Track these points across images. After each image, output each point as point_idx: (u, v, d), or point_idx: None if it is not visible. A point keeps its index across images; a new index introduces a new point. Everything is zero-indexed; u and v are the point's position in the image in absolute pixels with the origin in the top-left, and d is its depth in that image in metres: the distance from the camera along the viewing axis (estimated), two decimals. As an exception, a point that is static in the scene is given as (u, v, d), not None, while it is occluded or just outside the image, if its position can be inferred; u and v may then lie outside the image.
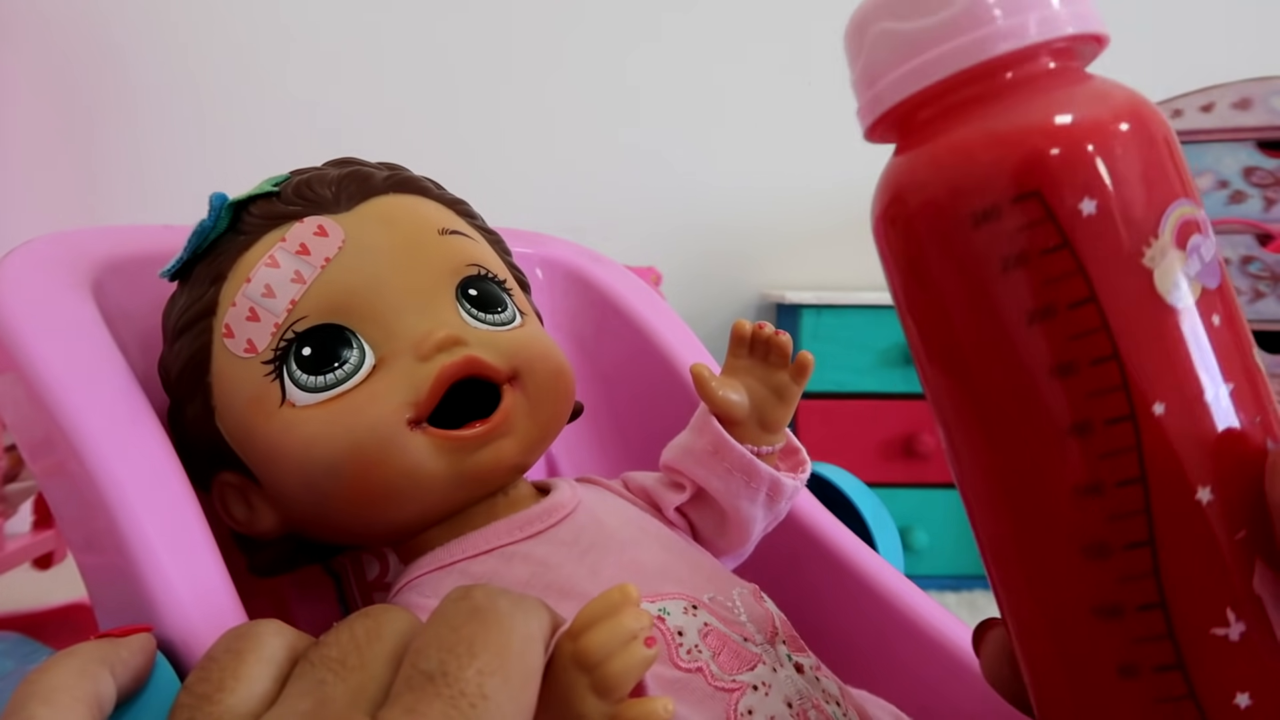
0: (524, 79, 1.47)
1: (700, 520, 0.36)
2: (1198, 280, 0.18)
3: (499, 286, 0.34)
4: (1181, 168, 0.19)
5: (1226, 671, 0.18)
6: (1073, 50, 0.20)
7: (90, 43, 1.47)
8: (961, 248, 0.19)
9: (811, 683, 0.31)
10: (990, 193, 0.19)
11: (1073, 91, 0.19)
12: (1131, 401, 0.18)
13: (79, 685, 0.20)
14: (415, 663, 0.19)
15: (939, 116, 0.20)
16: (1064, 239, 0.18)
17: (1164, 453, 0.18)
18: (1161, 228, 0.18)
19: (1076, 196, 0.18)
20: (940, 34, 0.19)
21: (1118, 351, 0.18)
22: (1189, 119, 1.08)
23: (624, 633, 0.21)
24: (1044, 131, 0.19)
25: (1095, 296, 0.18)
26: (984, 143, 0.19)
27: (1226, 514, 0.18)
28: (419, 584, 0.32)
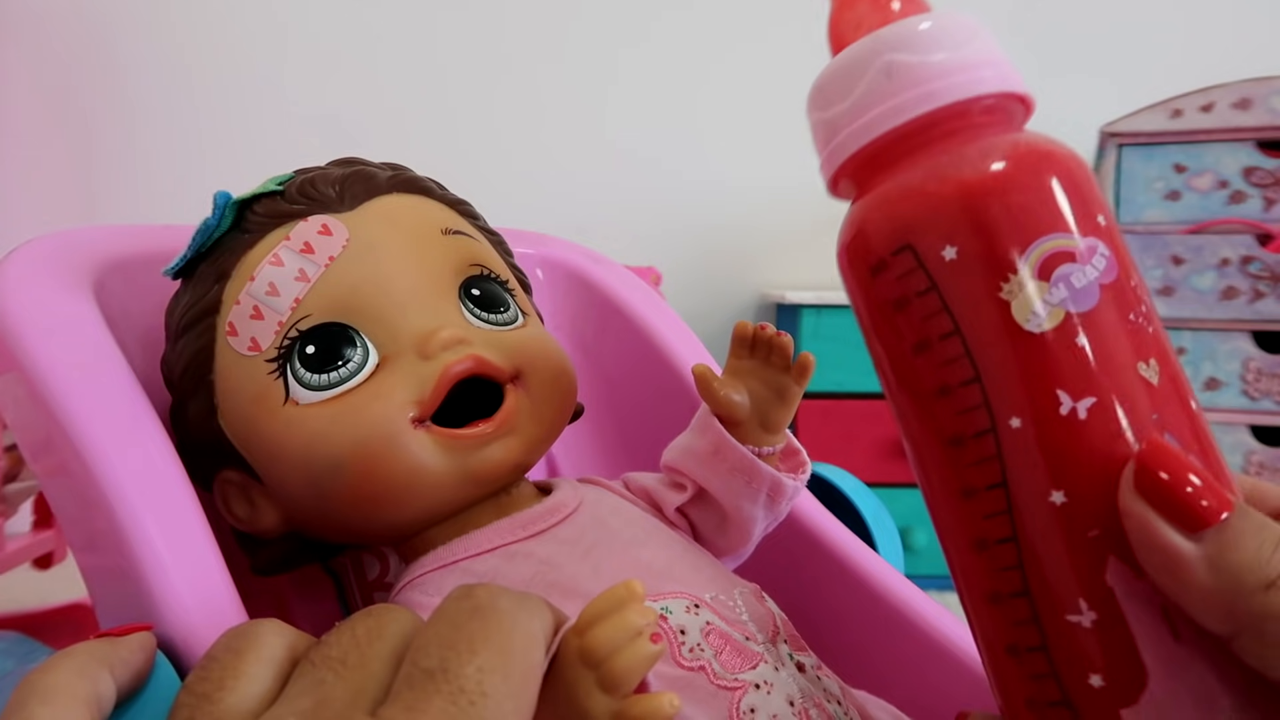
0: (521, 79, 1.47)
1: (701, 520, 0.37)
2: (1061, 306, 0.21)
3: (501, 287, 0.35)
4: (1067, 203, 0.21)
5: (1081, 654, 0.20)
6: (962, 114, 0.23)
7: (89, 43, 1.47)
8: (868, 293, 0.23)
9: (813, 682, 0.31)
10: (878, 249, 0.22)
11: (953, 154, 0.22)
12: (992, 416, 0.21)
13: (78, 685, 0.20)
14: (416, 660, 0.19)
15: (856, 184, 0.24)
16: (931, 282, 0.22)
17: (1021, 460, 0.21)
18: (1021, 264, 0.21)
19: (940, 245, 0.21)
20: (843, 120, 0.24)
21: (979, 374, 0.21)
22: (1189, 119, 1.08)
23: (629, 628, 0.21)
24: (916, 193, 0.22)
25: (959, 329, 0.21)
26: (875, 207, 0.23)
27: (1078, 514, 0.20)
28: (422, 582, 0.32)
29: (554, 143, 1.48)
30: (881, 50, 0.23)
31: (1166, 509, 0.19)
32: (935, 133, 0.23)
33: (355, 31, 1.47)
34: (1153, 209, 1.12)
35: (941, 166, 0.22)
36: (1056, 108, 1.48)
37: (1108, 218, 0.22)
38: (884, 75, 0.23)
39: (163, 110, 1.48)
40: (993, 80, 0.23)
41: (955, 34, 0.23)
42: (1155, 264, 1.11)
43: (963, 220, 0.21)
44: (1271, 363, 1.08)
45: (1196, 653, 0.19)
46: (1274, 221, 1.07)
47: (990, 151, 0.22)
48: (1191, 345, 1.10)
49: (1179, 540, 0.19)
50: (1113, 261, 0.21)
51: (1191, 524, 0.19)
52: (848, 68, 0.23)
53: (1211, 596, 0.19)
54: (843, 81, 0.24)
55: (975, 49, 0.23)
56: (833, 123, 0.24)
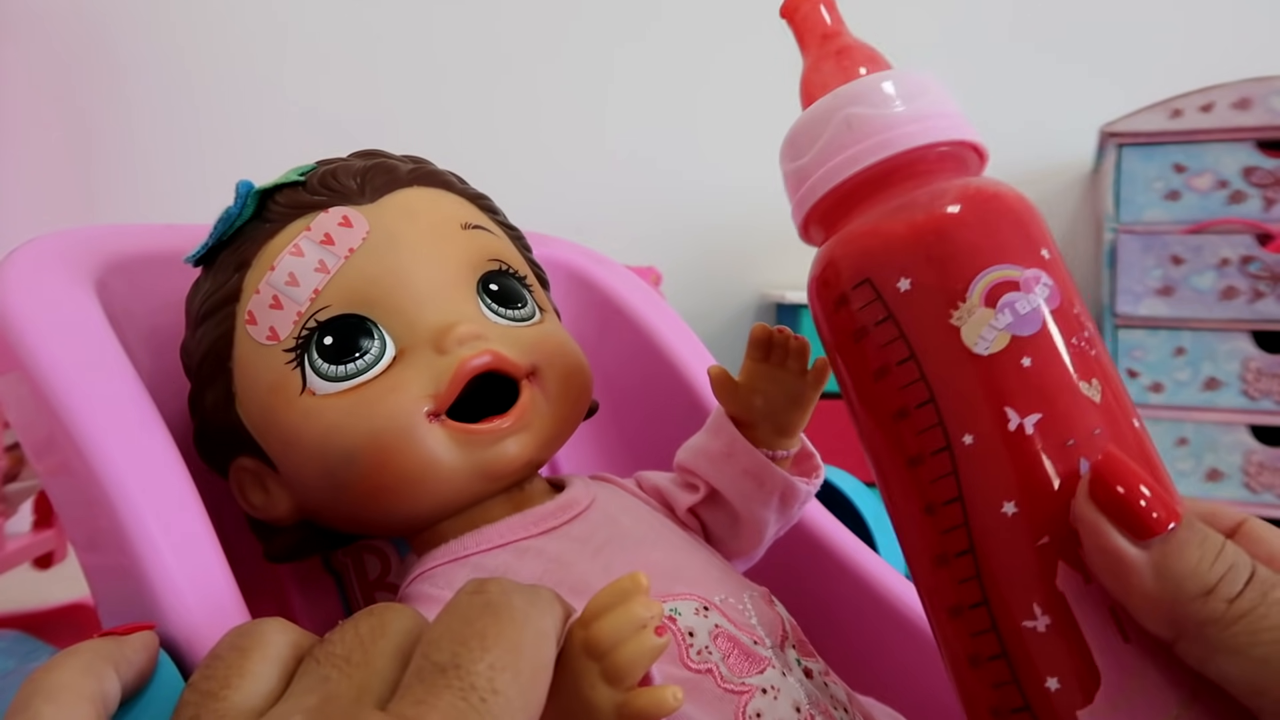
0: (520, 79, 1.47)
1: (713, 522, 0.36)
2: (1007, 330, 0.22)
3: (519, 282, 0.35)
4: (1010, 238, 0.23)
5: (1037, 658, 0.21)
6: (918, 161, 0.25)
7: (89, 42, 1.47)
8: (833, 325, 0.25)
9: (820, 688, 0.31)
10: (841, 283, 0.24)
11: (908, 197, 0.24)
12: (947, 434, 0.22)
13: (84, 683, 0.20)
14: (427, 654, 0.19)
15: (824, 228, 0.26)
16: (888, 312, 0.23)
17: (974, 475, 0.22)
18: (969, 293, 0.22)
19: (895, 278, 0.23)
20: (809, 169, 0.26)
21: (934, 395, 0.23)
22: (1189, 119, 1.08)
23: (634, 620, 0.21)
24: (873, 232, 0.24)
25: (914, 354, 0.23)
26: (840, 245, 0.25)
27: (1029, 523, 0.21)
28: (432, 575, 0.32)
29: (554, 143, 1.48)
30: (842, 105, 0.25)
31: (1118, 517, 0.20)
32: (893, 178, 0.25)
33: (354, 32, 1.47)
34: (1152, 209, 1.12)
35: (897, 208, 0.24)
36: (1056, 108, 1.48)
37: (1052, 251, 0.24)
38: (845, 127, 0.25)
39: (162, 109, 1.48)
40: (944, 129, 0.25)
41: (910, 88, 0.25)
42: (1155, 264, 1.11)
43: (916, 254, 0.23)
44: (1271, 363, 1.08)
45: (1145, 654, 0.20)
46: (1274, 221, 1.07)
47: (941, 194, 0.24)
48: (1191, 345, 1.10)
49: (1127, 547, 0.20)
50: (1055, 290, 0.23)
51: (1140, 532, 0.20)
52: (813, 122, 0.26)
53: (1155, 601, 0.20)
54: (808, 134, 0.26)
55: (928, 101, 0.25)
56: (800, 172, 0.26)
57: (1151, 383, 1.12)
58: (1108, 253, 1.14)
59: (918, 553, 0.24)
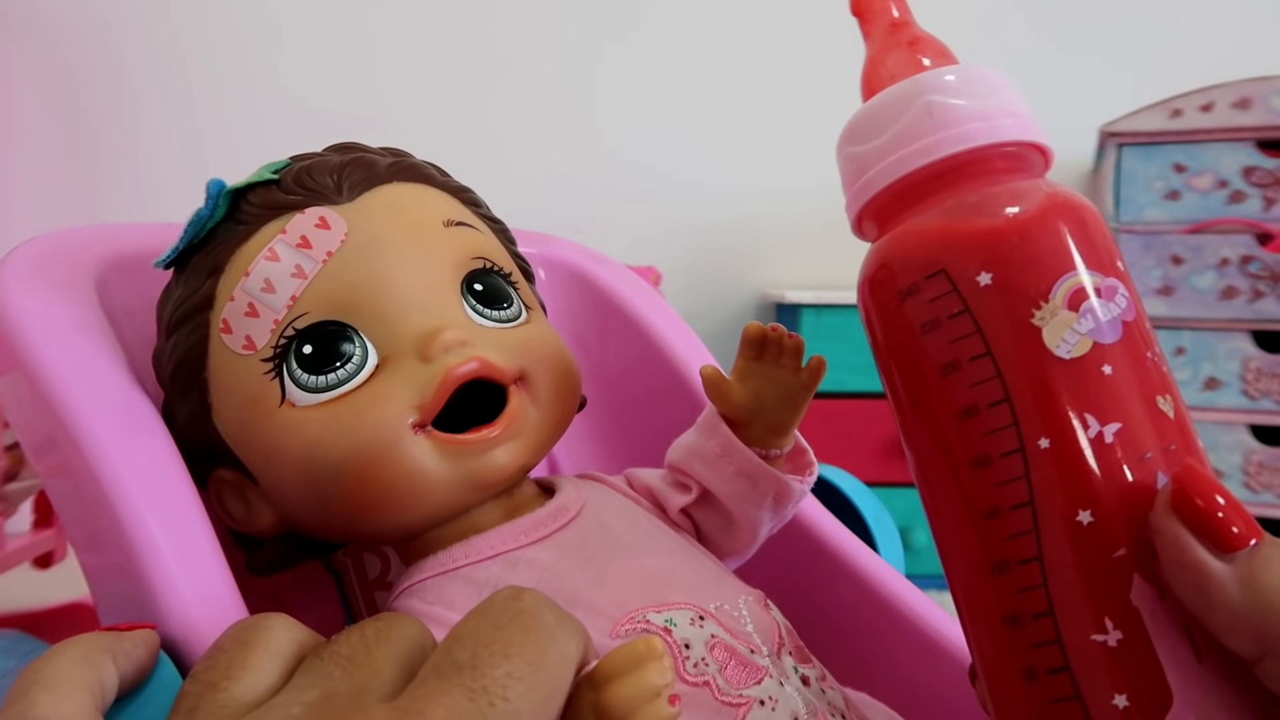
0: (520, 79, 1.47)
1: (705, 522, 0.36)
2: (1089, 336, 0.22)
3: (505, 280, 0.34)
4: (1091, 246, 0.23)
5: (1106, 675, 0.20)
6: (991, 158, 0.24)
7: (91, 42, 1.47)
8: (894, 317, 0.24)
9: (817, 695, 0.30)
10: (911, 273, 0.23)
11: (985, 194, 0.23)
12: (1021, 437, 0.22)
13: (81, 673, 0.20)
14: (450, 649, 0.19)
15: (886, 218, 0.25)
16: (965, 305, 0.23)
17: (1049, 480, 0.21)
18: (1053, 294, 0.22)
19: (974, 271, 0.22)
20: (878, 153, 0.25)
21: (1009, 395, 0.22)
22: (1189, 119, 1.08)
23: (648, 689, 0.20)
24: (951, 224, 0.23)
25: (990, 351, 0.22)
26: (909, 235, 0.24)
27: (1105, 534, 0.21)
28: (420, 589, 0.31)
29: (554, 142, 1.48)
30: (923, 91, 0.24)
31: (1201, 529, 0.19)
32: (967, 172, 0.24)
33: (355, 32, 1.47)
34: (1152, 209, 1.12)
35: (975, 204, 0.23)
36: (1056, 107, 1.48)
37: (1124, 264, 0.23)
38: (925, 114, 0.24)
39: (164, 109, 1.48)
40: (1022, 129, 0.24)
41: (988, 84, 0.24)
42: (1155, 264, 1.11)
43: (999, 250, 0.22)
44: (1271, 362, 1.08)
45: (1220, 675, 0.20)
46: (1274, 221, 1.07)
47: (1021, 194, 0.23)
48: (1191, 345, 1.10)
49: (1211, 560, 0.19)
50: (1131, 302, 0.23)
51: (1225, 545, 0.19)
52: (888, 106, 0.25)
53: (1240, 618, 0.19)
54: (881, 119, 0.25)
55: (1005, 99, 0.24)
56: (867, 156, 0.25)
57: (1151, 383, 1.11)
58: (1108, 253, 1.13)
59: (968, 557, 0.23)
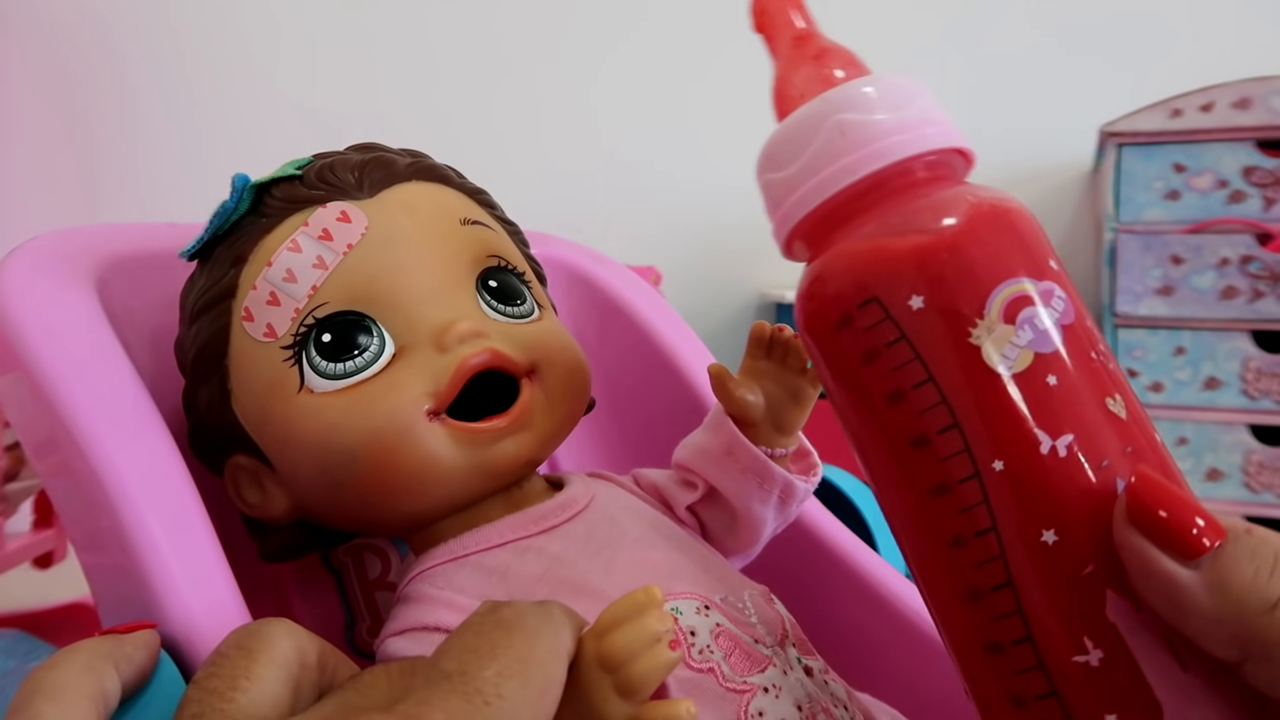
0: (519, 79, 1.47)
1: (711, 520, 0.37)
2: (1029, 348, 0.21)
3: (518, 279, 0.35)
4: (1023, 251, 0.22)
5: (1093, 695, 0.20)
6: (912, 170, 0.23)
7: (92, 42, 1.47)
8: (833, 348, 0.23)
9: (820, 686, 0.31)
10: (843, 303, 0.23)
11: (908, 210, 0.23)
12: (975, 461, 0.21)
13: (84, 681, 0.20)
14: (437, 662, 0.19)
15: (815, 242, 0.25)
16: (900, 332, 0.22)
17: (1008, 503, 0.21)
18: (988, 309, 0.21)
19: (905, 295, 0.22)
20: (797, 179, 0.24)
21: (957, 420, 0.21)
22: (1189, 119, 1.08)
23: (648, 634, 0.21)
24: (877, 248, 0.22)
25: (932, 376, 0.21)
26: (837, 263, 0.23)
27: (1072, 552, 0.20)
28: (431, 575, 0.32)
29: (553, 142, 1.48)
30: (833, 110, 0.23)
31: (1162, 538, 0.19)
32: (889, 187, 0.23)
33: (355, 34, 1.47)
34: (1152, 209, 1.12)
35: (900, 222, 0.22)
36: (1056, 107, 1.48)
37: (1058, 262, 0.23)
38: (838, 134, 0.23)
39: (165, 109, 1.48)
40: (940, 136, 0.23)
41: (902, 94, 0.24)
42: (1155, 264, 1.11)
43: (928, 270, 0.22)
44: (1271, 362, 1.08)
45: (1206, 681, 0.19)
46: (1274, 221, 1.07)
47: (948, 206, 0.22)
48: (1191, 345, 1.10)
49: (1177, 569, 0.19)
50: (1069, 303, 0.22)
51: (1188, 551, 0.19)
52: (799, 129, 0.24)
53: (1215, 623, 0.18)
54: (794, 143, 0.24)
55: (920, 107, 0.24)
56: (785, 183, 0.24)
57: (1151, 382, 1.12)
58: (1108, 252, 1.14)
59: (944, 588, 0.22)
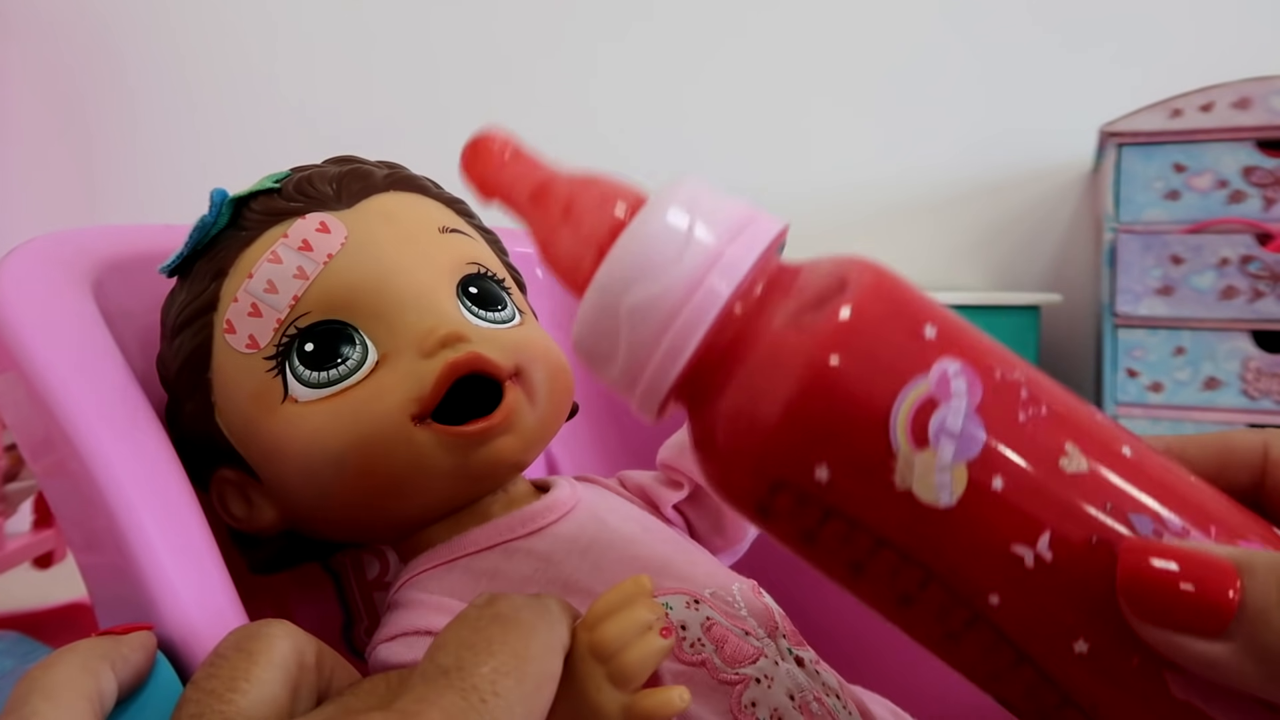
0: (517, 78, 1.47)
1: (697, 518, 0.37)
2: (957, 462, 0.18)
3: (498, 285, 0.35)
4: (897, 337, 0.19)
5: None
6: (728, 314, 0.20)
7: (91, 44, 1.47)
8: (771, 532, 0.20)
9: (812, 676, 0.31)
10: (753, 495, 0.20)
11: (755, 366, 0.19)
12: (970, 604, 0.19)
13: (81, 681, 0.20)
14: (433, 656, 0.19)
15: (679, 404, 0.21)
16: (825, 508, 0.19)
17: (1024, 631, 0.18)
18: (894, 443, 0.18)
19: (808, 469, 0.18)
20: (623, 381, 0.21)
21: (931, 572, 0.19)
22: (1189, 119, 1.08)
23: (639, 623, 0.21)
24: (748, 427, 0.19)
25: (881, 539, 0.19)
26: (719, 461, 0.20)
27: (1108, 653, 0.18)
28: (421, 580, 0.32)
29: (552, 143, 1.48)
30: (616, 295, 0.20)
31: (1176, 625, 0.17)
32: (721, 346, 0.20)
33: (356, 34, 1.47)
34: (1152, 209, 1.12)
35: (757, 382, 0.19)
36: (1056, 108, 1.48)
37: (936, 322, 0.19)
38: (634, 323, 0.20)
39: (163, 111, 1.48)
40: (743, 253, 0.20)
41: (674, 232, 0.20)
42: (1155, 264, 1.11)
43: (811, 433, 0.18)
44: (1271, 363, 1.08)
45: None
46: (1273, 221, 1.07)
47: (798, 343, 0.19)
48: (1191, 345, 1.10)
49: (1208, 647, 0.17)
50: (969, 371, 0.18)
51: (1210, 628, 0.17)
52: (595, 326, 0.21)
53: (1270, 683, 0.17)
54: (601, 339, 0.21)
55: (708, 222, 0.20)
56: (622, 380, 0.21)
57: (1151, 383, 1.11)
58: (1107, 252, 1.14)
59: (1013, 716, 0.20)
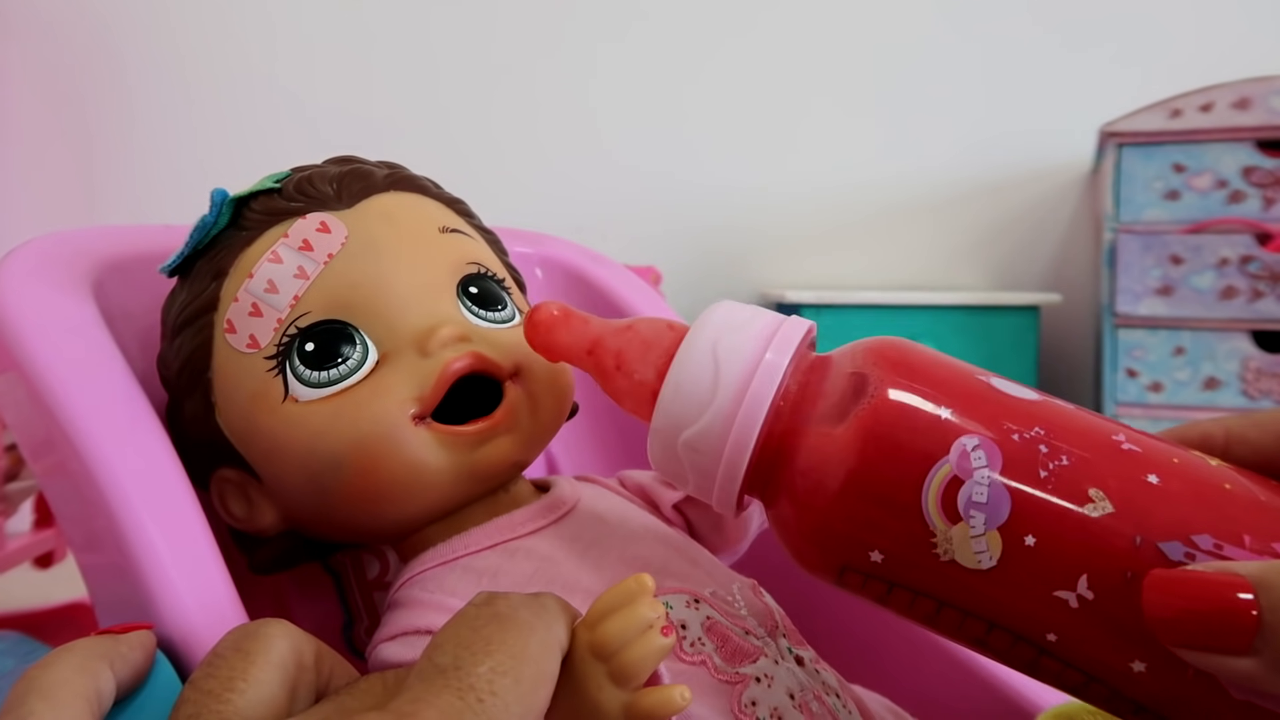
0: (519, 78, 1.47)
1: (698, 519, 0.37)
2: (990, 529, 0.20)
3: (499, 285, 0.35)
4: (919, 421, 0.21)
5: None
6: (772, 424, 0.23)
7: (90, 44, 1.47)
8: (850, 593, 0.23)
9: (812, 675, 0.31)
10: (825, 573, 0.23)
11: (808, 461, 0.22)
12: (1033, 643, 0.21)
13: (78, 680, 0.20)
14: (431, 656, 0.19)
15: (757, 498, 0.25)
16: (887, 583, 0.22)
17: (1084, 659, 0.20)
18: (930, 521, 0.20)
19: (865, 554, 0.21)
20: (703, 489, 0.25)
21: (992, 622, 0.21)
22: (1188, 119, 1.08)
23: (640, 621, 0.21)
24: (808, 524, 0.22)
25: (942, 601, 0.21)
26: (795, 543, 0.23)
27: (1165, 671, 0.19)
28: (422, 579, 0.32)
29: (552, 142, 1.48)
30: (672, 434, 0.24)
31: (1206, 647, 0.18)
32: (771, 455, 0.23)
33: (354, 35, 1.47)
34: (1152, 208, 1.12)
35: (802, 488, 0.23)
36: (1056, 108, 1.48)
37: (952, 400, 0.21)
38: (691, 453, 0.24)
39: (163, 111, 1.48)
40: (769, 376, 0.23)
41: (706, 366, 0.23)
42: (1155, 264, 1.11)
43: (858, 527, 0.21)
44: (1271, 362, 1.08)
45: None
46: (1273, 221, 1.07)
47: (826, 456, 0.22)
48: (1191, 345, 1.10)
49: (1239, 663, 0.18)
50: (987, 442, 0.21)
51: (1237, 646, 0.18)
52: (663, 464, 0.25)
53: None
54: (672, 471, 0.25)
55: (736, 363, 0.23)
56: (697, 489, 0.25)
57: (1151, 383, 1.12)
58: (1107, 252, 1.14)
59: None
